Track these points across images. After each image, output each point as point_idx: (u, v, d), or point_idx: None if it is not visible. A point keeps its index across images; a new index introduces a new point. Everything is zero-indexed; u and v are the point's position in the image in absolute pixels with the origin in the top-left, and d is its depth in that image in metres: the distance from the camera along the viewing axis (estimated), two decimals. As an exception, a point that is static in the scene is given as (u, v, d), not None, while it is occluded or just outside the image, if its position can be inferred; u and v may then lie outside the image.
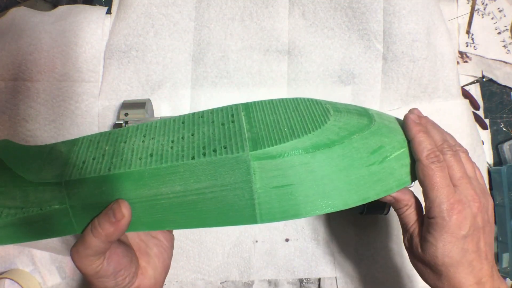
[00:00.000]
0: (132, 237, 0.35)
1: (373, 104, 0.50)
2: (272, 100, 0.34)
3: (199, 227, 0.31)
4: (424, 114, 0.50)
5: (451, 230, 0.30)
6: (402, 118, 0.50)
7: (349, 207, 0.30)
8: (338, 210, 0.30)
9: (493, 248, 0.33)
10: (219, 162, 0.29)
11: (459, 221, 0.30)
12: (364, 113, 0.34)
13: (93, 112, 0.47)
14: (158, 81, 0.48)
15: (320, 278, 0.49)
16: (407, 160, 0.33)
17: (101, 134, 0.34)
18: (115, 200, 0.30)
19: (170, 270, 0.48)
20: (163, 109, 0.49)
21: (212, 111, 0.33)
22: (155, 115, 0.48)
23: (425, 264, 0.32)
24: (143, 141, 0.32)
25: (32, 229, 0.31)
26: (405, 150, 0.33)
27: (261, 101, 0.34)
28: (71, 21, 0.48)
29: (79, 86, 0.47)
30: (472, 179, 0.33)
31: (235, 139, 0.30)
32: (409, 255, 0.34)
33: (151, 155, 0.30)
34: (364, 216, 0.49)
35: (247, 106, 0.33)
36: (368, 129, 0.32)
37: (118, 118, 0.45)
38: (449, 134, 0.35)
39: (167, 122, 0.33)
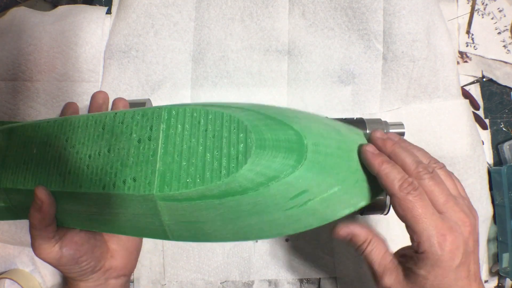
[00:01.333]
0: (105, 237, 0.37)
1: (373, 104, 0.50)
2: (198, 111, 0.29)
3: (122, 234, 0.33)
4: (424, 114, 0.50)
5: (444, 264, 0.28)
6: (401, 118, 0.50)
7: (262, 239, 0.30)
8: (250, 240, 0.30)
9: (479, 263, 0.31)
10: (127, 196, 0.29)
11: (452, 253, 0.28)
12: (296, 149, 0.28)
13: (93, 112, 0.48)
14: (158, 81, 0.48)
15: (320, 278, 0.49)
16: (342, 197, 0.29)
17: (31, 125, 0.34)
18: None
19: (170, 270, 0.48)
20: (163, 109, 0.49)
21: (133, 114, 0.30)
22: (155, 115, 0.48)
23: None
24: (65, 149, 0.32)
25: None
26: (340, 187, 0.29)
27: (185, 110, 0.29)
28: (71, 21, 0.48)
29: (79, 86, 0.47)
30: (457, 198, 0.30)
31: (145, 170, 0.28)
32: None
33: (69, 173, 0.31)
34: (364, 217, 0.49)
35: (171, 114, 0.29)
36: (291, 173, 0.27)
37: (118, 118, 0.44)
38: (421, 150, 0.32)
39: (88, 123, 0.32)
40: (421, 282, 0.29)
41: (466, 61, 0.54)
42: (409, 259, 0.30)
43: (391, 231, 0.50)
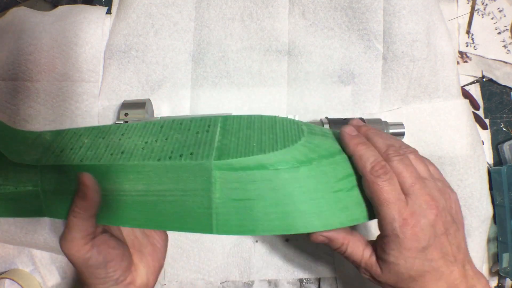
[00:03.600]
0: (127, 234, 0.35)
1: (373, 104, 0.50)
2: (252, 116, 0.34)
3: (157, 229, 0.32)
4: (424, 114, 0.50)
5: (409, 246, 0.28)
6: (401, 118, 0.50)
7: (309, 231, 0.29)
8: (297, 233, 0.29)
9: (463, 243, 0.30)
10: (182, 167, 0.29)
11: (416, 235, 0.28)
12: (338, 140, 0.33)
13: (93, 112, 0.47)
14: (158, 81, 0.48)
15: (320, 278, 0.49)
16: None
17: (85, 128, 0.35)
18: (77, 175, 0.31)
19: (170, 270, 0.48)
20: (163, 109, 0.49)
21: (192, 119, 0.34)
22: (155, 115, 0.48)
23: (394, 286, 0.30)
24: (120, 139, 0.33)
25: (5, 206, 0.34)
26: None
27: (241, 116, 0.34)
28: (71, 21, 0.48)
29: (79, 86, 0.47)
30: (427, 180, 0.30)
31: (203, 147, 0.30)
32: (375, 283, 0.32)
33: (122, 152, 0.32)
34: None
35: (225, 119, 0.33)
36: (340, 154, 0.31)
37: (118, 118, 0.45)
38: (394, 138, 0.33)
39: (147, 124, 0.34)
40: (394, 269, 0.29)
41: (466, 61, 0.54)
42: (379, 248, 0.30)
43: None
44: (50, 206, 0.33)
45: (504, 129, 0.54)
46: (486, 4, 0.54)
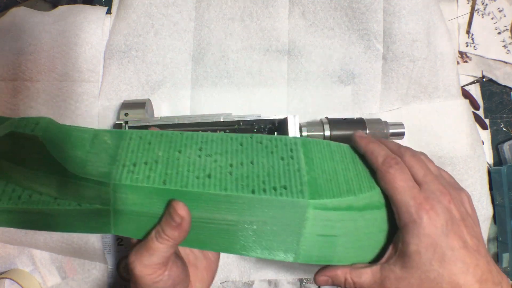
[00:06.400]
0: (184, 249, 0.34)
1: (373, 104, 0.50)
2: (330, 143, 0.34)
3: (243, 255, 0.30)
4: (424, 114, 0.50)
5: (427, 231, 0.27)
6: (401, 118, 0.50)
7: (368, 262, 0.31)
8: (362, 263, 0.31)
9: (482, 241, 0.29)
10: (277, 202, 0.29)
11: (433, 219, 0.28)
12: None
13: (93, 112, 0.47)
14: (158, 81, 0.48)
15: (320, 278, 0.49)
16: None
17: (151, 133, 0.32)
18: (169, 203, 0.28)
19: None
20: (163, 109, 0.49)
21: (270, 138, 0.33)
22: (155, 115, 0.48)
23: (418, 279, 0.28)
24: (199, 156, 0.31)
25: (64, 221, 0.30)
26: None
27: (318, 141, 0.34)
28: (71, 21, 0.48)
29: (79, 86, 0.47)
30: (438, 177, 0.31)
31: (294, 181, 0.30)
32: None
33: (209, 177, 0.29)
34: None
35: (305, 143, 0.33)
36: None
37: (118, 118, 0.44)
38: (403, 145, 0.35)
39: (223, 138, 0.32)
40: (415, 261, 0.28)
41: (466, 61, 0.54)
42: (401, 243, 0.29)
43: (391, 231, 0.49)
44: (121, 225, 0.30)
45: (504, 129, 0.54)
46: (486, 4, 0.54)
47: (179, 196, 0.29)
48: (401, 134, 0.45)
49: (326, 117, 0.45)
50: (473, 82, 0.54)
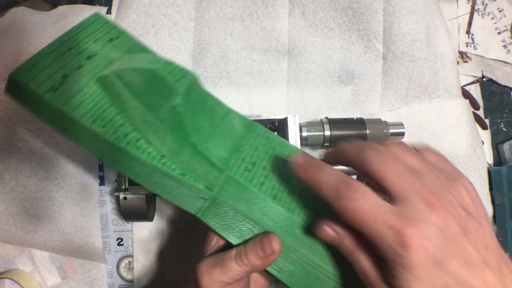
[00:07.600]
0: None
1: (373, 104, 0.50)
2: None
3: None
4: (424, 114, 0.50)
5: (419, 263, 0.22)
6: (401, 118, 0.50)
7: None
8: None
9: (492, 239, 0.24)
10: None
11: (422, 248, 0.21)
12: None
13: (93, 112, 0.47)
14: (158, 81, 0.48)
15: (320, 278, 0.49)
16: None
17: (278, 140, 0.31)
18: (265, 233, 0.27)
19: (170, 270, 0.48)
20: (163, 109, 0.49)
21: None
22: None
23: None
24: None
25: (155, 180, 0.27)
26: None
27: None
28: (71, 21, 0.48)
29: (79, 86, 0.47)
30: (420, 174, 0.24)
31: None
32: None
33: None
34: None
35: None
36: None
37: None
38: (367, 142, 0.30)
39: None
40: None
41: (466, 61, 0.54)
42: (388, 275, 0.23)
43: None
44: (212, 215, 0.27)
45: (504, 129, 0.54)
46: (486, 4, 0.54)
47: (290, 226, 0.27)
48: (401, 134, 0.45)
49: (326, 117, 0.45)
50: (473, 82, 0.54)
